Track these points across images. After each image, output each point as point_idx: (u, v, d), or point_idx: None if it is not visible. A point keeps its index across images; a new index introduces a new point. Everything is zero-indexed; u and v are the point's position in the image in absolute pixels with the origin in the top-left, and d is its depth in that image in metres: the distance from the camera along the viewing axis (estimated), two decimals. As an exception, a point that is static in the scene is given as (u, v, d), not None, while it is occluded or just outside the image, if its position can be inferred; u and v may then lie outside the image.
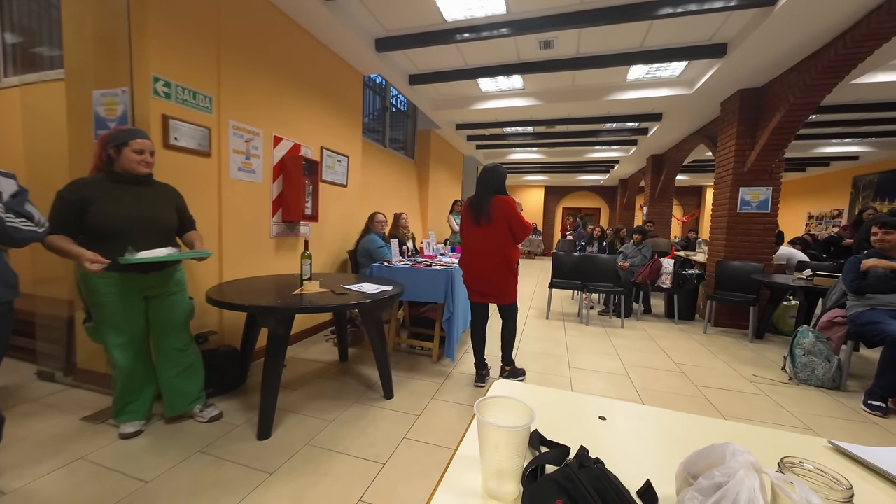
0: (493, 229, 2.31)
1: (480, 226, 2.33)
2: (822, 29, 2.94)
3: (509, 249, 2.35)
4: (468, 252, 2.44)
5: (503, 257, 2.33)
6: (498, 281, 2.37)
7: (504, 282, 2.38)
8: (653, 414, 0.79)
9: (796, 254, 4.66)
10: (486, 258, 2.36)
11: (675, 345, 3.66)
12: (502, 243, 2.33)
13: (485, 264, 2.36)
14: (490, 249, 2.34)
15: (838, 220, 9.05)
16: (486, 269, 2.36)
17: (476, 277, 2.42)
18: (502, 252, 2.33)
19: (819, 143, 7.15)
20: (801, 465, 0.47)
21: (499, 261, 2.34)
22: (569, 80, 4.63)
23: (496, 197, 2.33)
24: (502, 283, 2.38)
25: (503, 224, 2.30)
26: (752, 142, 4.15)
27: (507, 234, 2.32)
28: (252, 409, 2.12)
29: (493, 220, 2.30)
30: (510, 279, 2.40)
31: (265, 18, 2.86)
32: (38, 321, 2.48)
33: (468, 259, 2.44)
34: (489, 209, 2.30)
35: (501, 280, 2.37)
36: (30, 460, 1.63)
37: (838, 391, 2.69)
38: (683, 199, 13.52)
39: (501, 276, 2.36)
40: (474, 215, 2.37)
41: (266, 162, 2.93)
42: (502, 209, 2.30)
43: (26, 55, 3.00)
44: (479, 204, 2.34)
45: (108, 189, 1.68)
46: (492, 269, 2.35)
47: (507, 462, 0.51)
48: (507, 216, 2.30)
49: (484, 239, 2.34)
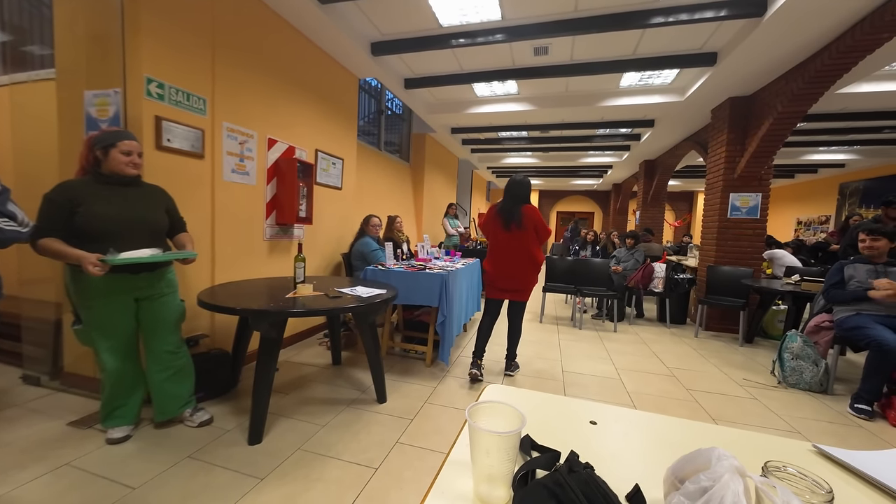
0: (522, 234, 2.64)
1: (510, 231, 2.65)
2: (808, 40, 3.02)
3: (536, 250, 2.69)
4: (498, 253, 2.72)
5: (531, 257, 2.68)
6: (524, 277, 2.69)
7: (530, 278, 2.71)
8: (643, 418, 0.80)
9: (787, 256, 4.73)
10: (516, 258, 2.67)
11: (667, 349, 3.70)
12: (530, 245, 2.67)
13: (515, 263, 2.68)
14: (520, 250, 2.66)
15: (826, 225, 9.23)
16: (515, 267, 2.68)
17: (503, 275, 2.71)
18: (530, 252, 2.67)
19: (807, 151, 7.30)
20: (784, 469, 0.48)
21: (527, 260, 2.68)
22: (563, 85, 4.68)
23: (525, 206, 2.67)
24: (527, 280, 2.71)
25: (531, 229, 2.64)
26: (741, 149, 4.23)
27: (534, 237, 2.66)
28: (243, 414, 2.09)
29: (524, 226, 2.62)
30: (534, 276, 2.73)
31: (260, 20, 2.86)
32: (24, 323, 2.44)
33: (498, 259, 2.72)
34: (521, 217, 2.63)
35: (527, 276, 2.70)
36: (14, 466, 1.60)
37: (825, 395, 2.74)
38: (675, 204, 13.69)
39: (529, 273, 2.70)
40: (504, 221, 2.66)
41: (260, 164, 2.91)
42: (532, 217, 2.65)
43: (16, 54, 2.96)
44: (511, 212, 2.66)
45: (96, 191, 1.66)
46: (520, 267, 2.68)
47: (497, 467, 0.51)
48: (535, 222, 2.65)
49: (514, 242, 2.66)
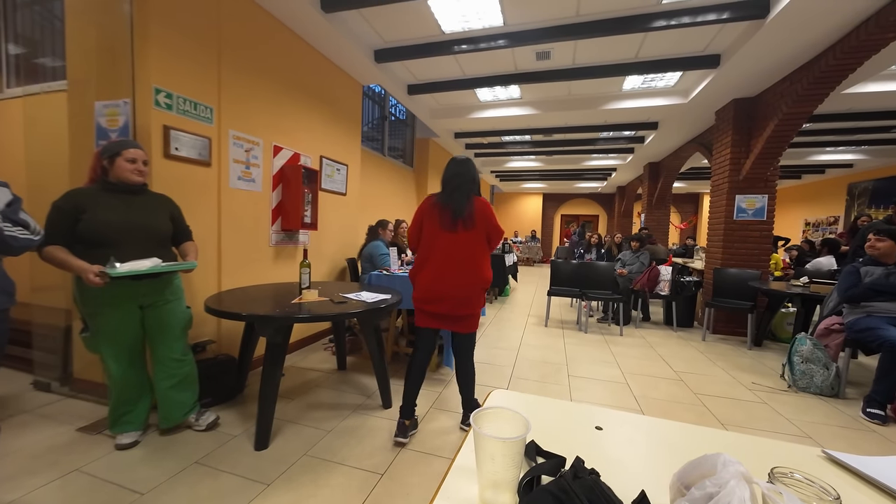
0: (471, 236, 1.89)
1: (455, 231, 1.89)
2: (812, 40, 3.01)
3: (483, 261, 1.94)
4: (434, 262, 1.91)
5: (478, 270, 1.90)
6: (468, 299, 1.89)
7: (475, 300, 1.92)
8: (649, 424, 0.80)
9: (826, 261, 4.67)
10: (458, 270, 1.89)
11: (674, 352, 3.66)
12: (478, 253, 1.92)
13: (455, 278, 1.88)
14: (464, 260, 1.89)
15: (834, 226, 9.12)
16: (455, 283, 1.88)
17: (438, 295, 1.89)
18: (476, 264, 1.90)
19: (814, 151, 7.23)
20: (791, 475, 0.47)
21: (473, 274, 1.89)
22: (565, 89, 4.69)
23: (478, 198, 1.95)
24: (470, 303, 1.91)
25: (483, 230, 1.91)
26: (746, 150, 4.20)
27: (484, 242, 1.94)
28: (250, 419, 2.10)
29: (474, 225, 1.88)
30: (480, 299, 1.95)
31: (265, 29, 2.91)
32: (35, 330, 2.48)
33: (434, 270, 1.91)
34: (472, 211, 1.88)
35: (471, 299, 1.90)
36: (25, 472, 1.62)
37: (837, 399, 2.69)
38: (681, 206, 13.60)
39: (472, 294, 1.90)
40: (451, 218, 1.90)
41: (266, 171, 2.95)
42: (484, 213, 1.91)
43: (29, 66, 3.03)
44: (459, 204, 1.89)
45: (101, 198, 1.69)
46: (462, 284, 1.88)
47: (502, 473, 0.51)
48: (487, 221, 1.92)
49: (458, 247, 1.88)
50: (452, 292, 1.88)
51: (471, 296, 1.90)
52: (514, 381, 2.84)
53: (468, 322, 1.95)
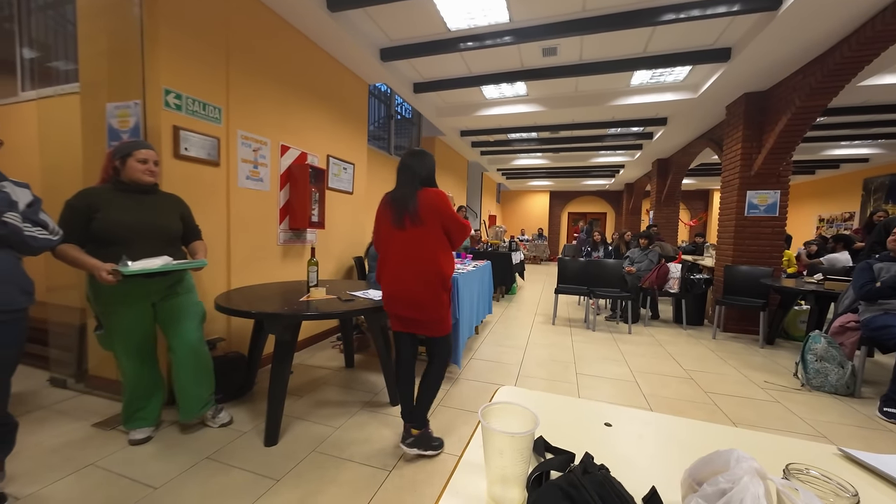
0: (422, 232, 1.75)
1: (405, 228, 1.77)
2: (826, 32, 2.94)
3: (442, 258, 1.78)
4: (390, 262, 1.83)
5: (435, 269, 1.75)
6: (427, 302, 1.76)
7: (435, 303, 1.77)
8: (659, 420, 0.79)
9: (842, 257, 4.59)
10: (414, 271, 1.76)
11: (684, 350, 3.62)
12: (434, 250, 1.77)
13: (412, 279, 1.76)
14: (418, 259, 1.76)
15: (850, 222, 8.92)
16: (412, 285, 1.76)
17: (399, 297, 1.79)
18: (433, 262, 1.76)
19: (828, 146, 7.08)
20: (807, 471, 0.46)
21: (430, 274, 1.75)
22: (572, 86, 4.65)
23: (424, 190, 1.78)
24: (432, 305, 1.77)
25: (435, 225, 1.76)
26: (758, 145, 4.12)
27: (440, 238, 1.78)
28: (259, 416, 2.13)
29: (422, 221, 1.75)
30: (442, 299, 1.80)
31: (272, 30, 2.93)
32: (51, 328, 2.53)
33: (391, 272, 1.82)
34: (417, 206, 1.75)
35: (432, 301, 1.77)
36: (42, 466, 1.66)
37: (852, 398, 2.64)
38: (690, 202, 13.42)
39: (432, 296, 1.77)
40: (396, 214, 1.79)
41: (273, 170, 2.97)
42: (434, 205, 1.75)
43: (43, 69, 3.09)
44: (404, 199, 1.78)
45: (114, 197, 1.72)
46: (420, 285, 1.75)
47: (511, 468, 0.51)
48: (441, 214, 1.75)
49: (410, 245, 1.77)
50: (409, 294, 1.77)
51: (429, 297, 1.76)
52: (522, 378, 2.83)
53: (436, 326, 1.81)
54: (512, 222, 14.80)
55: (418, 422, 1.82)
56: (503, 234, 8.77)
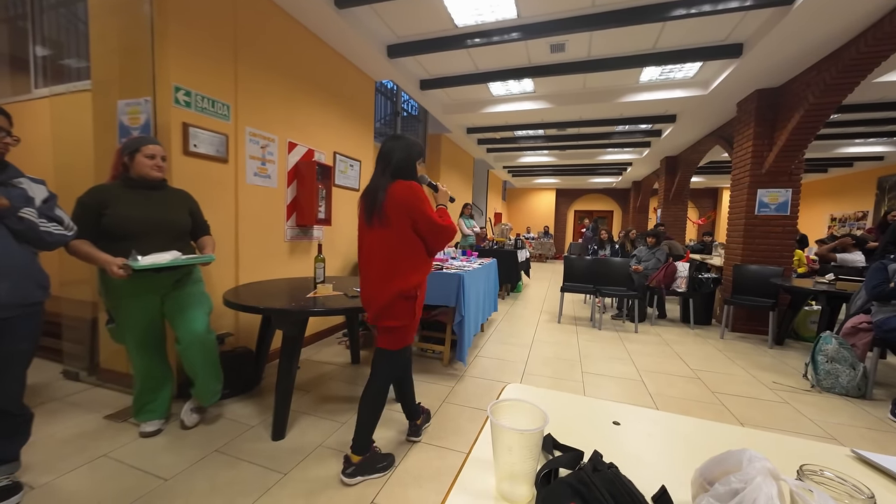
0: (387, 234, 1.53)
1: (373, 227, 1.56)
2: (842, 27, 2.87)
3: (406, 267, 1.55)
4: (359, 263, 1.67)
5: (392, 275, 1.53)
6: (383, 309, 1.56)
7: (394, 312, 1.56)
8: (667, 419, 0.78)
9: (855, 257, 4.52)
10: (374, 277, 1.57)
11: (691, 350, 3.59)
12: (398, 256, 1.54)
13: (372, 285, 1.58)
14: (380, 265, 1.55)
15: (863, 221, 8.76)
16: (371, 291, 1.58)
17: (364, 300, 1.64)
18: (394, 271, 1.53)
19: (841, 144, 6.94)
20: (821, 472, 0.46)
21: (386, 280, 1.54)
22: (580, 82, 4.61)
23: (396, 183, 1.54)
24: (390, 314, 1.56)
25: (404, 226, 1.52)
26: (770, 143, 4.06)
27: (409, 241, 1.55)
28: (267, 410, 2.15)
29: (389, 220, 1.52)
30: (402, 307, 1.56)
31: (280, 27, 2.94)
32: (64, 322, 2.58)
33: (360, 275, 1.66)
34: (383, 202, 1.52)
35: (387, 308, 1.55)
36: (56, 456, 1.69)
37: (863, 400, 2.60)
38: (698, 201, 13.26)
39: (388, 303, 1.54)
40: (366, 210, 1.58)
41: (281, 167, 2.99)
42: (403, 202, 1.51)
43: (56, 67, 3.13)
44: (373, 193, 1.56)
45: (123, 194, 1.74)
46: (377, 290, 1.56)
47: (520, 464, 0.51)
48: (411, 212, 1.51)
49: (375, 247, 1.56)
50: (372, 300, 1.58)
51: (387, 305, 1.55)
52: (527, 376, 2.82)
53: (389, 336, 1.61)
54: (518, 220, 14.74)
55: (358, 448, 1.62)
56: (509, 232, 8.74)
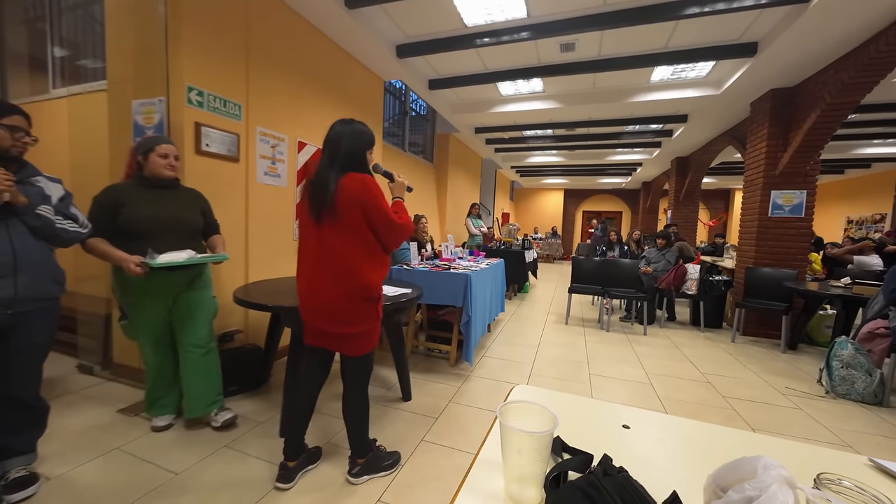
0: (339, 230, 1.42)
1: (321, 223, 1.43)
2: (860, 25, 2.80)
3: (365, 266, 1.45)
4: (303, 265, 1.52)
5: (355, 280, 1.43)
6: (341, 314, 1.45)
7: (353, 316, 1.46)
8: (679, 424, 0.77)
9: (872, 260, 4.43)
10: (330, 279, 1.43)
11: (701, 353, 3.54)
12: (355, 255, 1.44)
13: (328, 290, 1.44)
14: (334, 265, 1.43)
15: (881, 224, 8.54)
16: (329, 297, 1.44)
17: (311, 305, 1.49)
18: (353, 271, 1.43)
19: (859, 144, 6.78)
20: (839, 481, 0.45)
21: (348, 285, 1.43)
22: (590, 82, 4.57)
23: (348, 175, 1.43)
24: (353, 318, 1.46)
25: (357, 221, 1.42)
26: (784, 143, 3.98)
27: (363, 238, 1.45)
28: (275, 407, 2.18)
29: (340, 215, 1.41)
30: (365, 310, 1.47)
31: (291, 27, 2.96)
32: (79, 317, 2.64)
33: (301, 273, 1.52)
34: (334, 195, 1.40)
35: (347, 313, 1.45)
36: (71, 448, 1.73)
37: (880, 407, 2.54)
38: (710, 202, 13.07)
39: (348, 308, 1.44)
40: (313, 204, 1.45)
41: (290, 166, 3.02)
42: (355, 196, 1.40)
43: (73, 67, 3.20)
44: (322, 184, 1.42)
45: (137, 192, 1.77)
46: (338, 297, 1.43)
47: (529, 467, 0.51)
48: (364, 206, 1.41)
49: (326, 245, 1.43)
50: (322, 304, 1.45)
51: (347, 309, 1.44)
52: (534, 378, 2.81)
53: (352, 343, 1.50)
54: (525, 220, 14.67)
55: (359, 451, 1.60)
56: (516, 232, 8.71)
